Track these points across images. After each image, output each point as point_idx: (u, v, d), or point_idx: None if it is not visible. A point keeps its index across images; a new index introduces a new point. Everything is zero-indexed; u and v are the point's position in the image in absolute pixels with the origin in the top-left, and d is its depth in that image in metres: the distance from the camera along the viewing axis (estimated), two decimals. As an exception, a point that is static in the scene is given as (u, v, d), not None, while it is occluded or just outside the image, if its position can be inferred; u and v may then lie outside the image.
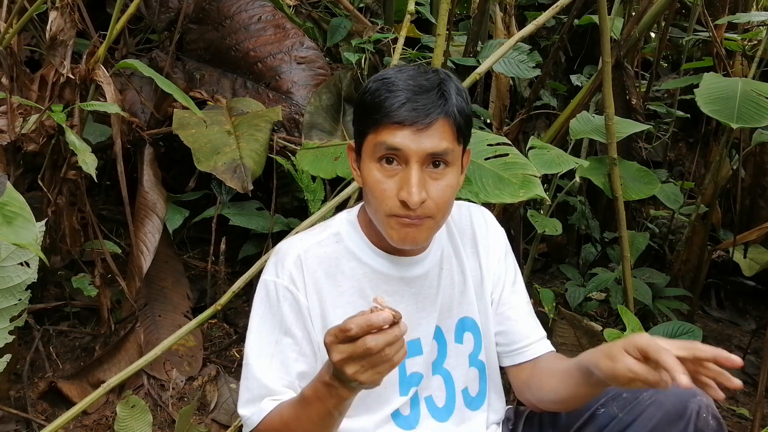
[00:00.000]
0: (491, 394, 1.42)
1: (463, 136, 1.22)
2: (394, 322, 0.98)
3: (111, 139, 2.28)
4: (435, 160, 1.18)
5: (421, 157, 1.16)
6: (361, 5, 3.57)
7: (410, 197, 1.15)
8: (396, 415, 1.34)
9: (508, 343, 1.40)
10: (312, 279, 1.29)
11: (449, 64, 2.75)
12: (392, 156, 1.18)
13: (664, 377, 1.03)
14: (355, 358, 0.99)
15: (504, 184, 1.79)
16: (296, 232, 1.81)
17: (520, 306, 1.41)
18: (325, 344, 1.03)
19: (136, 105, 2.68)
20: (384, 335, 0.98)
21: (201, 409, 2.20)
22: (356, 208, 1.38)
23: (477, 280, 1.39)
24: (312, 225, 1.81)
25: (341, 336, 0.99)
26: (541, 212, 2.45)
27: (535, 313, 1.46)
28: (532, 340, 1.39)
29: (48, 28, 2.07)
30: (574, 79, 3.45)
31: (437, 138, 1.16)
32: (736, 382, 1.04)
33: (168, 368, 2.28)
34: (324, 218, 1.70)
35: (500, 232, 1.44)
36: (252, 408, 1.25)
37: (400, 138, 1.16)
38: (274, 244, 2.05)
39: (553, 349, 1.42)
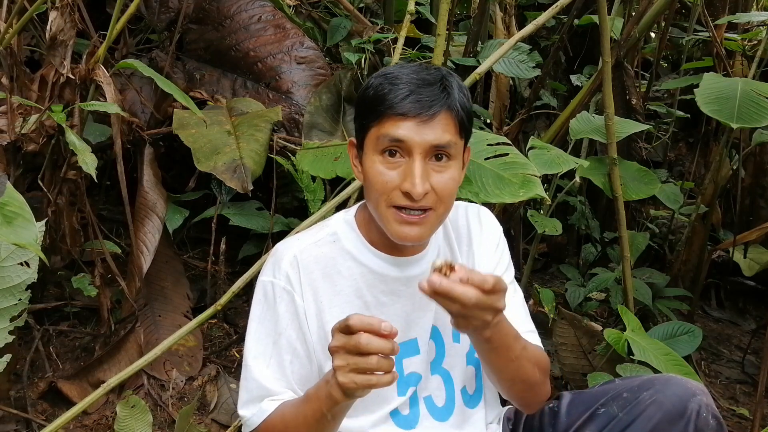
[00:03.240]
0: (486, 389, 1.42)
1: (465, 130, 1.22)
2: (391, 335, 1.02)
3: (111, 139, 2.28)
4: (438, 152, 1.19)
5: (425, 149, 1.17)
6: (361, 5, 3.56)
7: (414, 188, 1.16)
8: (395, 414, 1.34)
9: None
10: (308, 279, 1.29)
11: (449, 64, 2.75)
12: (395, 148, 1.18)
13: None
14: (345, 351, 1.03)
15: (504, 183, 1.79)
16: (296, 232, 1.81)
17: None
18: (332, 330, 1.07)
19: (136, 105, 2.68)
20: (378, 340, 1.01)
21: (201, 409, 2.20)
22: (353, 208, 1.38)
23: None
24: (312, 225, 1.81)
25: (341, 325, 1.04)
26: (541, 212, 2.45)
27: (536, 313, 1.45)
28: None
29: (48, 28, 2.07)
30: (574, 79, 3.44)
31: (440, 130, 1.17)
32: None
33: (168, 368, 2.28)
34: (324, 218, 1.70)
35: (494, 228, 1.43)
36: (252, 409, 1.26)
37: (404, 129, 1.16)
38: (274, 244, 2.04)
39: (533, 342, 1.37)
